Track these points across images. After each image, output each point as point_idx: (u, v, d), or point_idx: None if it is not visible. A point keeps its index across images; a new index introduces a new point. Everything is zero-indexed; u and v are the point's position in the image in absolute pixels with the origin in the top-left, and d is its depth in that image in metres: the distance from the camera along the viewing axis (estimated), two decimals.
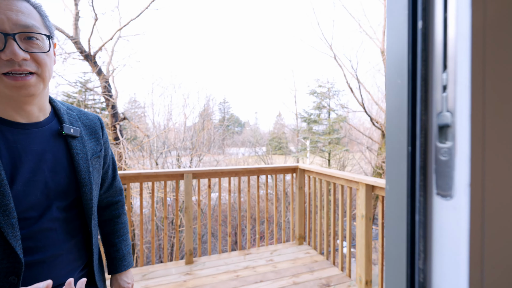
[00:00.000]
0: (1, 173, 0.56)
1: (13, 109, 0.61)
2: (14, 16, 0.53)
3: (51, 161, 0.66)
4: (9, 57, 0.53)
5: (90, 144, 0.75)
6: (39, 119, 0.67)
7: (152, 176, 2.64)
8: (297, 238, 3.15)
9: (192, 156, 8.05)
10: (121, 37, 6.05)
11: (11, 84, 0.56)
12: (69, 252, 0.70)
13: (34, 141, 0.64)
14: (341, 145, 10.57)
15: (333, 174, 2.50)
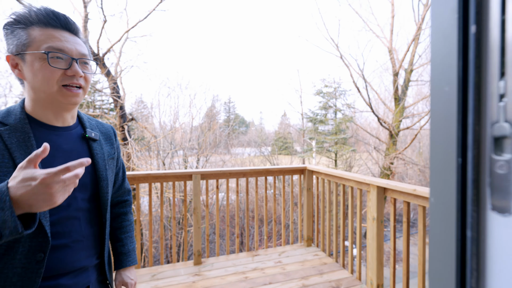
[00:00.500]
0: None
1: (53, 114, 0.76)
2: (77, 47, 0.74)
3: (76, 159, 0.73)
4: (73, 73, 0.72)
5: (106, 147, 0.89)
6: (69, 124, 0.81)
7: (161, 177, 2.65)
8: (305, 240, 3.13)
9: (199, 156, 8.09)
10: (129, 39, 6.11)
11: (67, 94, 0.72)
12: (88, 239, 0.80)
13: (64, 141, 0.78)
14: (348, 145, 10.45)
15: (343, 175, 2.47)
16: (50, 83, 0.70)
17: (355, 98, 11.68)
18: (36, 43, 0.68)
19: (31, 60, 0.69)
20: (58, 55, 0.70)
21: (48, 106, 0.74)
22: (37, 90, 0.71)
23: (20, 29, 0.69)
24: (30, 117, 0.74)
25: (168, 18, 21.70)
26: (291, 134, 21.87)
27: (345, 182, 2.47)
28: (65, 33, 0.73)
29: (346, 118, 10.03)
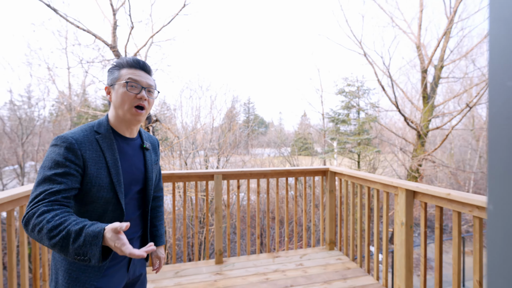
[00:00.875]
0: (119, 164, 1.00)
1: (126, 128, 1.07)
2: (147, 80, 1.04)
3: (135, 162, 1.09)
4: (141, 96, 1.01)
5: (153, 155, 1.19)
6: (134, 136, 1.11)
7: (184, 177, 2.71)
8: (327, 243, 3.05)
9: (219, 156, 8.20)
10: (154, 43, 6.35)
11: (136, 113, 1.02)
12: (136, 219, 1.10)
13: (130, 149, 1.08)
14: (372, 146, 10.04)
15: (368, 177, 2.38)
16: (125, 102, 1.00)
17: (379, 97, 11.23)
18: (122, 77, 1.01)
19: (117, 88, 1.01)
20: (133, 84, 1.01)
21: (122, 121, 1.04)
22: (117, 108, 1.02)
23: (116, 70, 1.03)
24: (112, 129, 1.05)
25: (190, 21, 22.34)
26: (311, 134, 21.50)
27: (370, 184, 2.38)
28: (142, 72, 1.05)
29: (370, 117, 9.62)
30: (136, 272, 1.13)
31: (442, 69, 8.92)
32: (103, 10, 5.26)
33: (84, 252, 0.73)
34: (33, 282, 1.95)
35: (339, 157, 10.43)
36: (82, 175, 0.92)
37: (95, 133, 0.99)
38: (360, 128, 9.61)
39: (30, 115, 6.34)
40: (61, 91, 7.73)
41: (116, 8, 5.20)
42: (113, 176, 0.97)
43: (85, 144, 0.94)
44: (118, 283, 1.03)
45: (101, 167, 0.96)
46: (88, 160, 0.93)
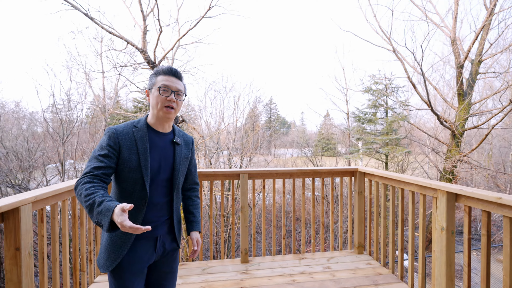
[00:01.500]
0: (148, 152, 1.21)
1: (160, 124, 1.28)
2: (177, 85, 1.26)
3: (165, 153, 1.28)
4: (170, 99, 1.23)
5: (184, 150, 1.36)
6: (166, 131, 1.32)
7: (211, 175, 2.75)
8: (355, 247, 2.94)
9: (243, 156, 8.25)
10: (180, 46, 6.55)
11: (166, 111, 1.24)
12: (163, 205, 1.28)
13: (161, 141, 1.28)
14: (401, 146, 9.49)
15: (402, 178, 2.25)
16: (159, 104, 1.24)
17: (407, 95, 10.62)
18: (158, 82, 1.24)
19: (153, 91, 1.25)
20: (165, 88, 1.24)
21: (157, 118, 1.27)
22: (153, 108, 1.26)
23: (154, 76, 1.27)
24: (148, 125, 1.28)
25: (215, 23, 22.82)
26: (335, 135, 20.93)
27: (405, 186, 2.24)
28: (173, 78, 1.26)
29: (399, 116, 9.10)
30: (167, 248, 1.31)
31: (480, 64, 8.25)
32: (135, 17, 5.52)
33: (100, 219, 0.95)
34: (73, 272, 2.08)
35: (365, 158, 10.01)
36: (117, 158, 1.18)
37: (133, 126, 1.25)
38: (389, 127, 9.13)
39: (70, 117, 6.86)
40: (96, 95, 8.27)
41: (146, 14, 5.43)
42: (142, 161, 1.19)
43: (123, 134, 1.20)
44: (144, 257, 1.22)
45: (133, 153, 1.19)
46: (122, 146, 1.19)
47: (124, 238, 1.17)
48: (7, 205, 1.33)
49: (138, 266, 1.19)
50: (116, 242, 1.17)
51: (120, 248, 1.17)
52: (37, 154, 6.68)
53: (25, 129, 8.01)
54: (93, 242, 2.31)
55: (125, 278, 1.17)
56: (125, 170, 1.17)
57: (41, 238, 1.70)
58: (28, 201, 1.45)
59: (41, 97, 16.60)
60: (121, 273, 1.17)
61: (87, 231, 2.28)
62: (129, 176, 1.18)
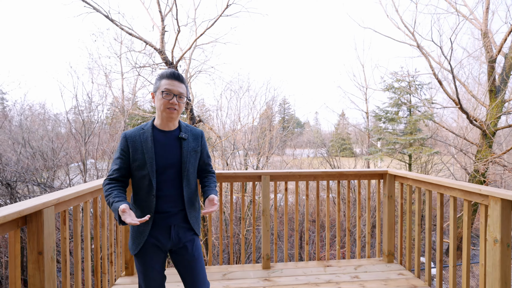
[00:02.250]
0: (152, 150, 1.36)
1: (165, 124, 1.42)
2: (178, 89, 1.38)
3: (172, 149, 1.41)
4: (172, 102, 1.35)
5: (192, 144, 1.47)
6: (171, 129, 1.44)
7: (231, 177, 2.66)
8: (385, 255, 2.74)
9: (259, 157, 8.15)
10: (197, 46, 6.54)
11: (169, 112, 1.37)
12: (174, 196, 1.40)
13: (166, 139, 1.42)
14: (427, 146, 8.97)
15: (441, 182, 2.04)
16: (162, 106, 1.36)
17: (432, 93, 10.04)
18: (161, 86, 1.37)
19: (157, 94, 1.38)
20: (167, 92, 1.36)
21: (161, 119, 1.41)
22: (158, 109, 1.40)
23: (158, 80, 1.39)
24: (154, 126, 1.43)
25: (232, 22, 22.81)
26: (351, 135, 20.34)
27: (445, 191, 2.04)
28: (175, 81, 1.38)
29: (425, 115, 8.58)
30: (182, 237, 1.42)
31: None
32: (153, 18, 5.55)
33: (115, 216, 1.25)
34: (95, 274, 2.05)
35: (386, 159, 9.58)
36: (129, 158, 1.38)
37: (141, 129, 1.42)
38: (413, 127, 8.65)
39: (91, 118, 7.06)
40: (116, 96, 8.47)
41: (164, 14, 5.45)
42: (147, 159, 1.35)
43: (131, 137, 1.38)
44: (161, 243, 1.38)
45: (139, 153, 1.36)
46: (131, 148, 1.37)
47: (143, 228, 1.36)
48: (30, 208, 1.28)
49: (155, 250, 1.38)
50: (138, 230, 1.37)
51: (141, 235, 1.36)
52: (60, 154, 6.92)
53: (50, 130, 8.35)
54: (113, 244, 2.28)
55: (146, 259, 1.37)
56: (134, 169, 1.36)
57: (63, 240, 1.67)
58: (50, 204, 1.41)
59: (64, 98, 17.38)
60: (143, 255, 1.37)
61: (108, 232, 2.25)
62: (138, 173, 1.36)
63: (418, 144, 8.88)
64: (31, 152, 7.32)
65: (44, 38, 39.67)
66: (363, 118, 12.75)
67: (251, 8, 5.70)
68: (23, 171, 6.24)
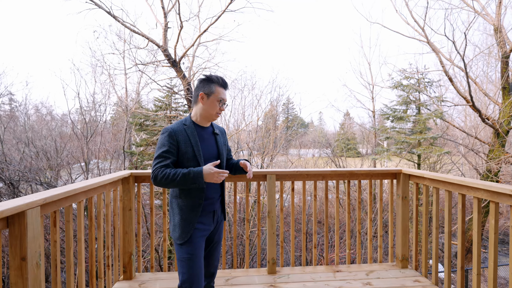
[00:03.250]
0: (199, 144, 1.53)
1: (206, 122, 1.62)
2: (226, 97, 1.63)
3: (210, 143, 1.61)
4: (223, 109, 1.61)
5: (222, 139, 1.70)
6: (207, 126, 1.64)
7: (235, 176, 2.51)
8: (398, 260, 2.57)
9: (264, 156, 8.00)
10: (201, 44, 6.42)
11: (217, 116, 1.60)
12: (216, 185, 1.60)
13: (205, 134, 1.61)
14: (437, 146, 8.68)
15: (465, 182, 1.87)
16: (214, 110, 1.56)
17: (442, 91, 9.74)
18: (218, 93, 1.55)
19: (212, 99, 1.54)
20: (223, 102, 1.58)
21: (205, 117, 1.58)
22: (207, 111, 1.56)
23: (212, 84, 1.55)
24: (194, 122, 1.58)
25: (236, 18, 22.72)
26: (356, 134, 20.02)
27: (468, 191, 1.86)
28: (227, 91, 1.62)
29: (435, 114, 8.29)
30: (218, 220, 1.64)
31: None
32: (156, 14, 5.45)
33: (195, 181, 1.40)
34: (90, 279, 1.92)
35: (394, 158, 9.32)
36: (177, 151, 1.49)
37: (183, 125, 1.54)
38: (422, 126, 8.38)
39: (94, 117, 6.99)
40: (119, 95, 8.41)
41: (168, 10, 5.34)
42: (196, 151, 1.51)
43: (178, 132, 1.50)
44: (207, 227, 1.56)
45: (188, 146, 1.50)
46: (180, 142, 1.49)
47: (193, 216, 1.49)
48: (11, 209, 1.16)
49: (202, 237, 1.51)
50: (187, 218, 1.48)
51: (190, 223, 1.48)
52: (63, 154, 6.87)
53: (53, 129, 8.32)
54: (111, 246, 2.16)
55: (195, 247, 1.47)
56: (184, 160, 1.49)
57: (53, 244, 1.54)
58: (35, 204, 1.28)
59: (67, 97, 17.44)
60: (192, 243, 1.46)
61: (105, 235, 2.13)
62: (187, 165, 1.48)
63: (427, 143, 8.61)
64: (35, 152, 7.30)
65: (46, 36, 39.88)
66: (370, 117, 12.51)
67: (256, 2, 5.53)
68: (26, 170, 6.20)
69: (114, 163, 6.54)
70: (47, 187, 6.42)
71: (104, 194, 2.11)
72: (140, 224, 2.45)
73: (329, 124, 37.84)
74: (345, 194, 9.20)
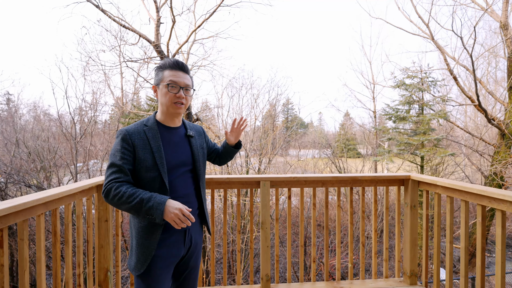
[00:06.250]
0: (162, 149, 1.24)
1: (170, 120, 1.34)
2: (184, 81, 1.29)
3: (181, 147, 1.34)
4: (180, 95, 1.28)
5: (198, 140, 1.44)
6: (177, 126, 1.37)
7: (225, 183, 2.27)
8: (406, 275, 2.31)
9: (261, 158, 7.75)
10: (196, 41, 6.17)
11: (176, 107, 1.29)
12: (189, 195, 1.32)
13: (174, 136, 1.34)
14: (442, 147, 8.40)
15: (487, 193, 1.62)
16: (168, 100, 1.27)
17: (445, 90, 9.47)
18: (165, 78, 1.27)
19: (161, 88, 1.28)
20: (173, 85, 1.26)
21: (167, 114, 1.31)
22: (162, 104, 1.30)
23: (160, 71, 1.29)
24: (158, 122, 1.32)
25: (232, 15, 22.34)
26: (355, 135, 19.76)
27: (490, 202, 1.61)
28: (180, 72, 1.28)
29: (440, 114, 8.00)
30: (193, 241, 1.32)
31: None
32: (149, 9, 5.20)
33: (152, 212, 1.09)
34: None
35: (396, 160, 9.06)
36: (133, 158, 1.20)
37: (144, 125, 1.26)
38: (426, 126, 8.10)
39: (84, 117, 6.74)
40: (112, 94, 8.16)
41: (160, 5, 5.09)
42: (157, 159, 1.21)
43: (135, 134, 1.22)
44: (173, 252, 1.23)
45: (147, 152, 1.21)
46: (137, 146, 1.20)
47: (151, 241, 1.18)
48: None
49: (168, 262, 1.21)
50: (143, 244, 1.18)
51: (147, 249, 1.18)
52: (50, 155, 6.62)
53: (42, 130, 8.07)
54: (82, 263, 1.91)
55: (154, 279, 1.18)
56: (142, 170, 1.20)
57: (0, 269, 1.29)
58: None
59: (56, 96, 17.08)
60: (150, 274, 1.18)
61: (75, 251, 1.88)
62: (146, 175, 1.20)
63: (431, 145, 8.35)
64: (26, 152, 7.05)
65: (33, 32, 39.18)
66: (370, 117, 12.26)
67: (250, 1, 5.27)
68: (13, 172, 5.94)
69: (105, 165, 6.31)
70: (36, 190, 6.17)
71: (74, 204, 1.87)
72: (119, 237, 2.20)
73: (330, 125, 37.60)
74: (347, 201, 8.93)
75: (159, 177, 1.20)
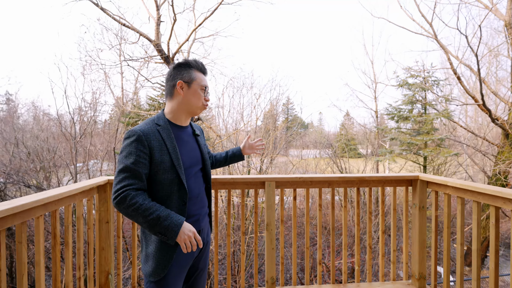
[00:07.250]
0: (177, 149, 1.21)
1: (185, 118, 1.33)
2: (208, 84, 1.35)
3: (191, 146, 1.33)
4: (208, 99, 1.35)
5: (202, 139, 1.46)
6: (187, 125, 1.36)
7: (229, 183, 2.21)
8: (414, 278, 2.26)
9: (263, 157, 7.70)
10: (197, 40, 6.11)
11: (203, 107, 1.32)
12: (202, 195, 1.33)
13: (184, 135, 1.32)
14: (445, 147, 8.34)
15: (502, 194, 1.56)
16: (199, 101, 1.29)
17: (448, 90, 9.41)
18: (198, 80, 1.28)
19: (195, 87, 1.27)
20: (205, 89, 1.31)
21: (186, 113, 1.31)
22: (191, 104, 1.28)
23: (191, 70, 1.28)
24: (169, 120, 1.29)
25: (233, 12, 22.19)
26: (355, 135, 19.68)
27: (505, 204, 1.55)
28: (206, 76, 1.35)
29: (443, 113, 7.94)
30: (205, 241, 1.33)
31: None
32: (149, 8, 5.14)
33: (166, 232, 1.06)
34: None
35: (398, 160, 8.99)
36: (150, 162, 1.14)
37: (156, 125, 1.20)
38: (429, 126, 8.03)
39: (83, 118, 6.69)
40: (112, 94, 8.11)
41: (160, 4, 5.04)
42: (174, 160, 1.18)
43: (150, 135, 1.16)
44: (191, 254, 1.23)
45: (164, 153, 1.17)
46: (153, 149, 1.15)
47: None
48: None
49: (185, 263, 1.21)
50: (164, 249, 1.16)
51: (167, 254, 1.16)
52: (49, 155, 6.57)
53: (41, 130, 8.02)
54: (82, 266, 1.85)
55: (172, 283, 1.16)
56: (160, 173, 1.16)
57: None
58: None
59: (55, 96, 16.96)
60: (169, 279, 1.17)
61: (75, 253, 1.82)
62: (164, 177, 1.16)
63: (434, 145, 8.28)
64: (26, 152, 7.00)
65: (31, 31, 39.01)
66: (372, 117, 12.19)
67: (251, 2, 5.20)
68: (12, 172, 5.89)
69: (105, 165, 6.24)
70: (36, 189, 6.12)
71: (74, 205, 1.82)
72: (120, 238, 2.15)
73: (331, 125, 37.39)
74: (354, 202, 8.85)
75: (177, 178, 1.17)
